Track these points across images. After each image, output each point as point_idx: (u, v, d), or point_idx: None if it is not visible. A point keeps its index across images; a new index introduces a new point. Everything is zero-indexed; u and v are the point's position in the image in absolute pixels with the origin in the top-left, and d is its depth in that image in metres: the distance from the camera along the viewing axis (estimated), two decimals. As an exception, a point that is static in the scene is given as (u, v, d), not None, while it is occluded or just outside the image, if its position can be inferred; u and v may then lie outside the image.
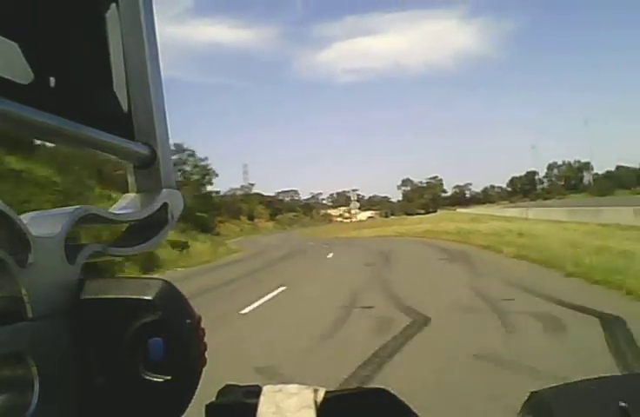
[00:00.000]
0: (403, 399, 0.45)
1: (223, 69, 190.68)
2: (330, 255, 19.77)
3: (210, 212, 40.79)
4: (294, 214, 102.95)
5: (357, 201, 58.79)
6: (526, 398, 0.45)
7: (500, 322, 6.28)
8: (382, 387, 0.45)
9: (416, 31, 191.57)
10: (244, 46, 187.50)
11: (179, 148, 39.47)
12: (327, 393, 0.44)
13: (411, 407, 0.45)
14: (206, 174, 42.50)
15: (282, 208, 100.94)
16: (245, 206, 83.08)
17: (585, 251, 11.48)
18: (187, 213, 30.92)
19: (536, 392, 0.45)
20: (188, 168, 40.46)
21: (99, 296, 0.42)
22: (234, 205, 76.07)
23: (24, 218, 0.40)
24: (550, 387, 0.45)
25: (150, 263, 18.75)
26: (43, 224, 0.41)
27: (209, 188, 45.88)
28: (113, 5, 0.52)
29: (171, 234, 24.75)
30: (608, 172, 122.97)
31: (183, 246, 23.71)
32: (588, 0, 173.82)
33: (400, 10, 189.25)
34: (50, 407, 0.38)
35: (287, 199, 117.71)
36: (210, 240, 31.08)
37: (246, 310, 8.52)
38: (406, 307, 7.64)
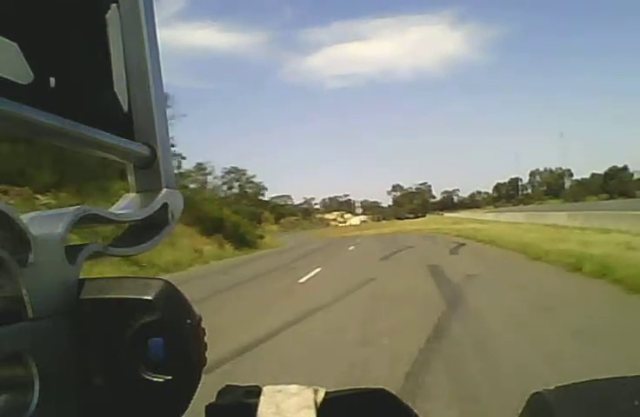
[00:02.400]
0: (402, 399, 0.48)
1: (211, 74, 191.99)
2: (359, 240, 35.76)
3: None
4: (295, 218, 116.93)
5: (359, 207, 74.29)
6: (527, 398, 0.47)
7: (433, 244, 22.69)
8: (382, 387, 0.47)
9: (404, 37, 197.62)
10: (233, 51, 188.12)
11: (234, 169, 55.92)
12: (327, 393, 0.46)
13: (412, 407, 0.48)
14: (257, 188, 59.05)
15: (284, 213, 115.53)
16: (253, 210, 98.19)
17: (499, 235, 24.88)
18: (253, 217, 46.94)
19: (537, 392, 0.45)
20: (241, 183, 56.92)
21: (99, 296, 0.43)
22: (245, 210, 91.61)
23: (24, 218, 0.41)
24: (552, 388, 0.46)
25: (254, 246, 34.27)
26: (43, 224, 0.42)
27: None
28: (114, 5, 0.54)
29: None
30: (583, 179, 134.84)
31: (261, 237, 39.26)
32: (576, 5, 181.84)
33: (388, 16, 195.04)
34: (49, 407, 0.39)
35: (281, 204, 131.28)
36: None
37: (349, 249, 24.81)
38: (406, 245, 23.93)
